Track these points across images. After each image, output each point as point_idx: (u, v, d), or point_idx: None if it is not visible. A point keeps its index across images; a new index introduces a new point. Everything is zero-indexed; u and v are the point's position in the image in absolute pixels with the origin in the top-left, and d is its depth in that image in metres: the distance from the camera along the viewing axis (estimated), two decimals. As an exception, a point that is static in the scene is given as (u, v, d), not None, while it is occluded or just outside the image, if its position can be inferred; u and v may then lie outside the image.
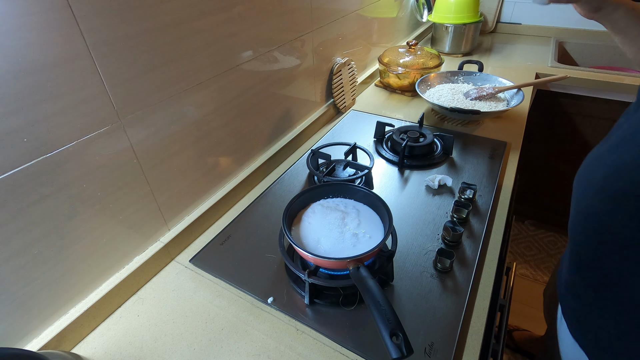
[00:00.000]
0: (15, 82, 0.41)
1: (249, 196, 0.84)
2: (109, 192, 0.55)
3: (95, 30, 0.47)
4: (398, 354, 0.39)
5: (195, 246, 0.72)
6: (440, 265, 0.63)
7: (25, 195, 0.45)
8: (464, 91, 1.14)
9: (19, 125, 0.43)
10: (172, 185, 0.66)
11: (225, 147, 0.77)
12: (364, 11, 1.19)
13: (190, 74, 0.63)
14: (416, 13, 1.68)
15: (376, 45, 1.37)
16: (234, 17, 0.68)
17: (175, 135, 0.64)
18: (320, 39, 0.98)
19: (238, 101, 0.76)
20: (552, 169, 1.68)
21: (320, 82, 1.05)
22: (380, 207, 0.63)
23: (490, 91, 1.10)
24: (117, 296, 0.60)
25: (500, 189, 0.82)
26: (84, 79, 0.48)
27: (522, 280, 1.63)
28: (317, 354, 0.53)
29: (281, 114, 0.92)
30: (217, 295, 0.62)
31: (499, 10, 1.76)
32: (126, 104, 0.54)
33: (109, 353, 0.54)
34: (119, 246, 0.60)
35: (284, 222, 0.59)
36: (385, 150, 0.95)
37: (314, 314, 0.58)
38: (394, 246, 0.62)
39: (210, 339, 0.55)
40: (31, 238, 0.47)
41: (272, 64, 0.83)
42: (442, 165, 0.90)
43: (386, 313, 0.42)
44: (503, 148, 0.93)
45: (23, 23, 0.40)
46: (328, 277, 0.60)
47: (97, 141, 0.51)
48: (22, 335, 0.50)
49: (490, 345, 0.63)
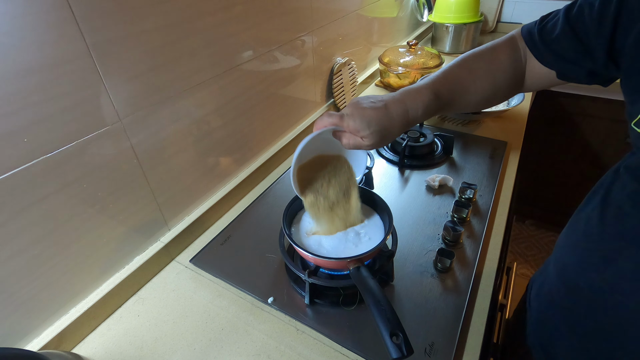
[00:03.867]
0: (15, 82, 0.41)
1: (249, 196, 0.84)
2: (109, 192, 0.55)
3: (95, 30, 0.47)
4: (398, 354, 0.39)
5: (196, 246, 0.71)
6: (441, 265, 0.63)
7: (25, 195, 0.45)
8: (464, 91, 1.14)
9: (19, 125, 0.43)
10: (172, 185, 0.66)
11: (226, 147, 0.77)
12: (364, 11, 1.18)
13: (190, 74, 0.63)
14: (416, 13, 1.68)
15: (376, 45, 1.37)
16: (234, 17, 0.68)
17: (175, 135, 0.64)
18: (321, 39, 0.98)
19: (238, 101, 0.76)
20: (552, 169, 1.68)
21: (320, 82, 1.05)
22: (381, 207, 0.63)
23: (491, 91, 1.09)
24: (118, 296, 0.60)
25: (501, 188, 0.82)
26: (84, 79, 0.48)
27: (522, 280, 1.63)
28: (317, 354, 0.53)
29: (281, 114, 0.92)
30: (217, 295, 0.62)
31: (500, 10, 1.76)
32: (126, 104, 0.54)
33: (109, 353, 0.54)
34: (119, 246, 0.60)
35: (284, 222, 0.59)
36: (385, 149, 0.95)
37: (314, 314, 0.58)
38: (394, 246, 0.62)
39: (210, 339, 0.55)
40: (31, 238, 0.47)
41: (272, 64, 0.83)
42: (443, 165, 0.90)
43: (386, 313, 0.42)
44: (503, 148, 0.93)
45: (23, 23, 0.40)
46: (328, 277, 0.60)
47: (97, 141, 0.51)
48: (22, 335, 0.50)
49: (490, 345, 0.63)
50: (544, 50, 0.51)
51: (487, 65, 0.55)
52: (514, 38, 0.56)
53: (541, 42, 0.51)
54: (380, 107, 0.49)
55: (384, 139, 0.50)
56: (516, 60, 0.55)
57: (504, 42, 0.56)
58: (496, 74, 0.55)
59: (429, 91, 0.51)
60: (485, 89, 0.55)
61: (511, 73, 0.55)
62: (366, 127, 0.48)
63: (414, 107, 0.50)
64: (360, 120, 0.48)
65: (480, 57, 0.56)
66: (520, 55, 0.55)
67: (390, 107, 0.49)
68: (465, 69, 0.55)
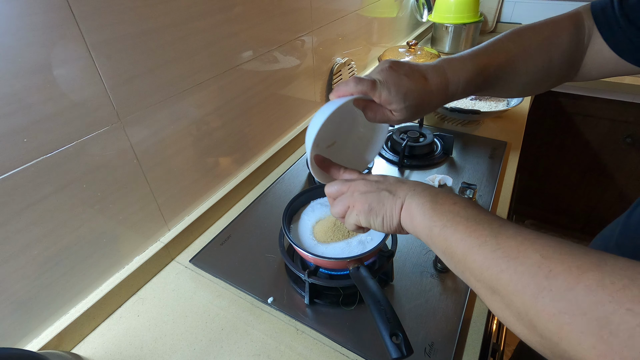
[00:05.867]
0: (15, 82, 0.41)
1: (249, 196, 0.84)
2: (109, 192, 0.55)
3: (95, 30, 0.47)
4: (398, 354, 0.39)
5: (195, 246, 0.71)
6: (440, 265, 0.63)
7: (25, 195, 0.45)
8: (464, 91, 1.14)
9: (19, 125, 0.43)
10: (172, 185, 0.66)
11: (225, 147, 0.77)
12: (364, 11, 1.19)
13: (190, 74, 0.63)
14: (416, 13, 1.68)
15: (376, 45, 1.37)
16: (234, 17, 0.68)
17: (175, 135, 0.64)
18: (320, 39, 0.98)
19: (238, 101, 0.76)
20: (552, 169, 1.68)
21: (320, 82, 1.05)
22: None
23: (490, 91, 1.09)
24: (117, 296, 0.60)
25: (500, 189, 0.82)
26: (83, 79, 0.48)
27: (522, 280, 1.62)
28: (317, 354, 0.53)
29: (281, 114, 0.92)
30: (217, 295, 0.62)
31: (499, 10, 1.76)
32: (126, 104, 0.54)
33: (109, 353, 0.54)
34: (119, 246, 0.60)
35: (283, 222, 0.59)
36: (385, 150, 0.95)
37: (314, 314, 0.58)
38: (394, 246, 0.62)
39: (210, 339, 0.55)
40: (31, 238, 0.47)
41: (272, 64, 0.83)
42: (442, 165, 0.90)
43: (386, 313, 0.42)
44: (503, 148, 0.93)
45: (23, 23, 0.40)
46: (328, 277, 0.60)
47: (97, 141, 0.51)
48: (22, 335, 0.50)
49: (490, 345, 0.63)
50: (626, 26, 0.43)
51: (544, 43, 0.47)
52: (580, 15, 0.48)
53: (623, 17, 0.43)
54: (419, 78, 0.42)
55: (416, 114, 0.44)
56: (578, 41, 0.47)
57: (568, 17, 0.48)
58: (553, 54, 0.47)
59: (474, 65, 0.45)
60: (537, 71, 0.48)
61: (569, 55, 0.48)
62: (401, 100, 0.41)
63: (455, 81, 0.44)
64: (396, 91, 0.41)
65: (538, 32, 0.48)
66: (583, 36, 0.47)
67: (430, 79, 0.43)
68: (519, 45, 0.47)
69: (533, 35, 0.48)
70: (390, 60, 0.43)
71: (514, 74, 0.48)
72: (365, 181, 0.42)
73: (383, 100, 0.41)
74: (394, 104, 0.41)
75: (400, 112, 0.42)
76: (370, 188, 0.40)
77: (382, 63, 0.43)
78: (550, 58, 0.48)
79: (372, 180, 0.41)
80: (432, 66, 0.44)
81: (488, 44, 0.47)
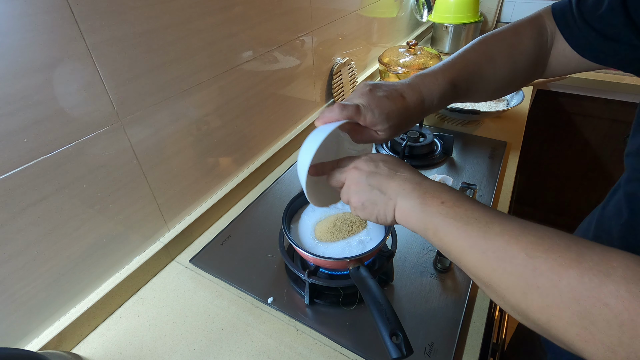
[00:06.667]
0: (15, 82, 0.41)
1: (249, 196, 0.84)
2: (109, 192, 0.55)
3: (95, 30, 0.47)
4: (398, 354, 0.39)
5: (195, 246, 0.72)
6: (440, 265, 0.63)
7: (25, 195, 0.45)
8: (464, 91, 1.14)
9: (19, 125, 0.43)
10: (172, 186, 0.66)
11: (225, 147, 0.77)
12: (364, 11, 1.19)
13: (190, 74, 0.63)
14: (416, 13, 1.68)
15: (376, 45, 1.37)
16: (234, 17, 0.68)
17: (175, 135, 0.64)
18: (320, 39, 0.98)
19: (238, 101, 0.76)
20: (552, 169, 1.68)
21: (320, 82, 1.05)
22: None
23: (490, 91, 1.09)
24: (117, 296, 0.60)
25: (500, 189, 0.82)
26: (83, 79, 0.48)
27: (522, 280, 1.62)
28: (317, 354, 0.53)
29: (281, 114, 0.92)
30: (217, 295, 0.62)
31: (499, 10, 1.76)
32: (126, 104, 0.54)
33: (109, 353, 0.54)
34: (119, 246, 0.60)
35: (283, 222, 0.59)
36: (385, 150, 0.95)
37: (314, 314, 0.58)
38: (394, 246, 0.62)
39: (210, 339, 0.55)
40: (31, 238, 0.47)
41: (272, 64, 0.83)
42: (442, 165, 0.90)
43: (386, 313, 0.42)
44: (503, 148, 0.93)
45: (23, 23, 0.40)
46: (328, 277, 0.60)
47: (97, 141, 0.51)
48: (22, 335, 0.50)
49: (490, 345, 0.63)
50: (584, 27, 0.45)
51: (508, 50, 0.50)
52: (542, 18, 0.50)
53: (580, 19, 0.45)
54: (397, 97, 0.44)
55: (399, 132, 0.46)
56: (541, 44, 0.50)
57: (529, 22, 0.51)
58: (517, 59, 0.50)
59: (445, 79, 0.47)
60: (504, 77, 0.51)
61: (533, 58, 0.50)
62: (385, 121, 0.43)
63: (429, 96, 0.46)
64: (379, 112, 0.43)
65: (502, 40, 0.51)
66: (546, 38, 0.50)
67: (407, 97, 0.45)
68: (484, 55, 0.50)
69: (497, 43, 0.51)
70: (369, 83, 0.46)
71: (483, 83, 0.51)
72: (358, 171, 0.42)
73: (368, 122, 0.43)
74: (378, 125, 0.44)
75: (385, 132, 0.45)
76: (362, 184, 0.42)
77: (361, 87, 0.45)
78: (515, 64, 0.51)
79: (364, 170, 0.42)
80: (407, 84, 0.47)
81: (456, 57, 0.50)
